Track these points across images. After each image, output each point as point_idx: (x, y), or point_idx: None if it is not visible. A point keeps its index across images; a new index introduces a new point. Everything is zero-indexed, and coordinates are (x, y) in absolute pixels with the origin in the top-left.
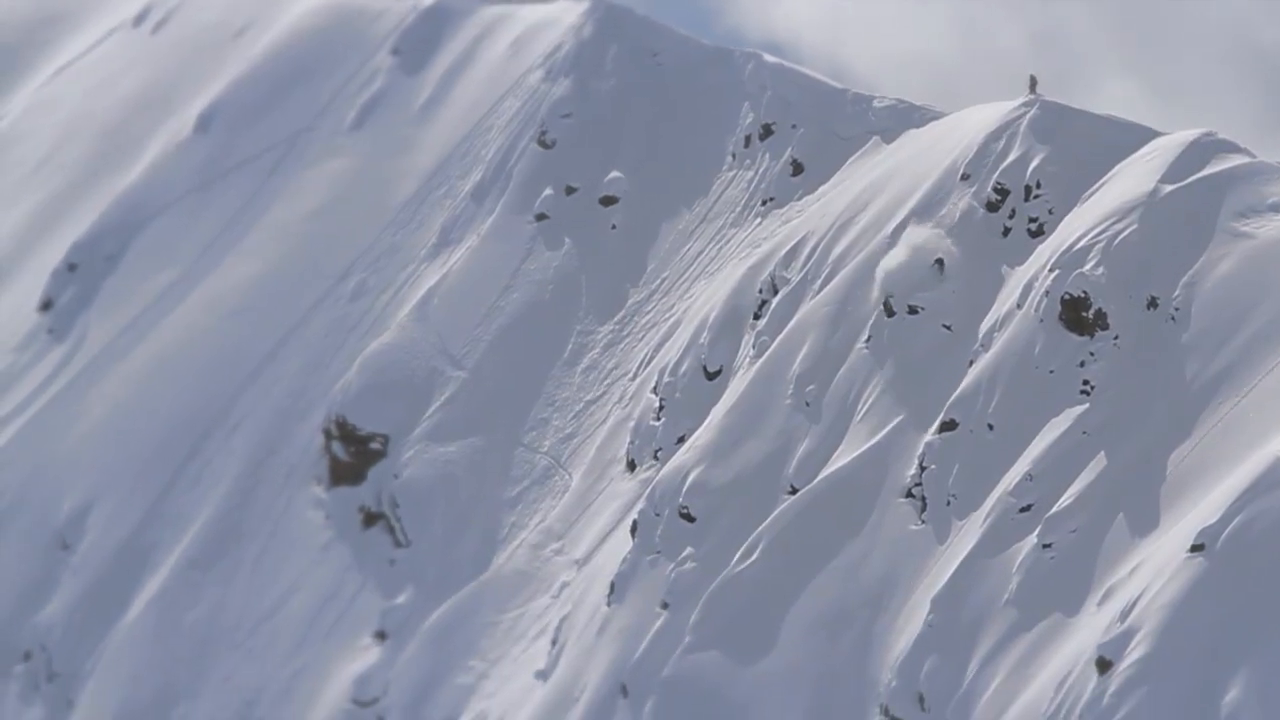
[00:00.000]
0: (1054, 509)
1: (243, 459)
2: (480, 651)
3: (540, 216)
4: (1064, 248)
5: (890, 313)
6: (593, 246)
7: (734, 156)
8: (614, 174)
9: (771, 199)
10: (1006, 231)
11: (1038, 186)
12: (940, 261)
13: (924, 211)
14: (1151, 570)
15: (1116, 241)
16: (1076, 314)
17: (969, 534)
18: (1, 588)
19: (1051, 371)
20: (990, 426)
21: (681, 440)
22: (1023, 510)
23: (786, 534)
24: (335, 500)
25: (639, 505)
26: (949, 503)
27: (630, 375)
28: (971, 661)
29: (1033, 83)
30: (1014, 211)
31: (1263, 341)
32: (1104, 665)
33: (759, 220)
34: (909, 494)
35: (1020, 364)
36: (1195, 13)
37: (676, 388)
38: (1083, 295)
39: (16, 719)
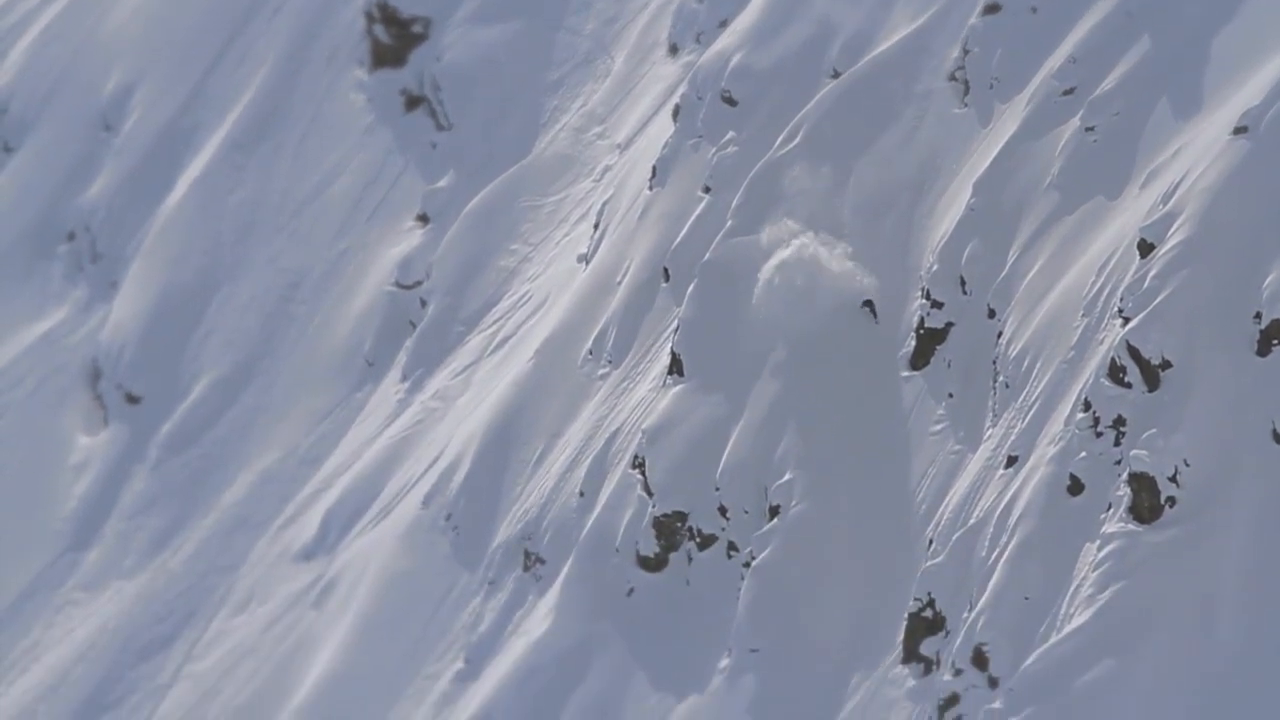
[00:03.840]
0: (1097, 91)
1: (285, 41)
2: (522, 235)
3: None
4: None
5: None
6: None
7: None
8: None
9: None
10: None
11: None
12: None
13: None
14: (1194, 153)
15: None
16: None
17: (1011, 117)
18: (44, 169)
19: None
20: (1034, 9)
21: (724, 24)
22: (1066, 93)
23: (829, 118)
24: (377, 83)
25: (681, 89)
26: (992, 86)
27: None
28: (1013, 245)
29: None
30: None
31: None
32: (1146, 248)
33: None
34: (952, 77)
35: None
36: None
37: None
38: None
39: (61, 298)
